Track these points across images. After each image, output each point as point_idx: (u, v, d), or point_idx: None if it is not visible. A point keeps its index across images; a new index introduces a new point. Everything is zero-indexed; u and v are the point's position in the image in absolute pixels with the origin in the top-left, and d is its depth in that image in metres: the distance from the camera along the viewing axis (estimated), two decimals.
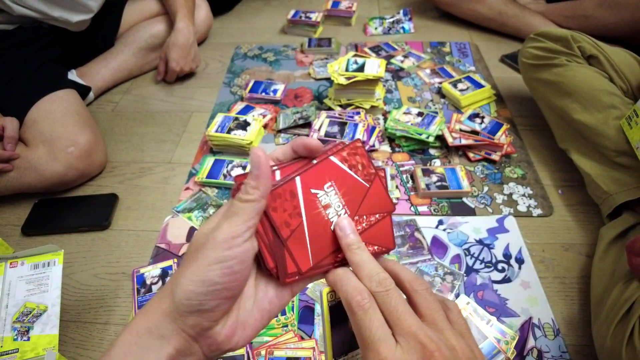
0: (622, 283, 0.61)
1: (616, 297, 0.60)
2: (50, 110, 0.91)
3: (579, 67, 0.86)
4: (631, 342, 0.54)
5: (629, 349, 0.54)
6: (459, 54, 1.28)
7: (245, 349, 0.63)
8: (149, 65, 1.25)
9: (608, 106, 0.79)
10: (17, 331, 0.67)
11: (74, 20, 1.04)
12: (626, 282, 0.60)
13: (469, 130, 0.93)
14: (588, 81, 0.83)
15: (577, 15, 1.24)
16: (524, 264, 0.74)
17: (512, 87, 1.14)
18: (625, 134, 0.75)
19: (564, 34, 0.90)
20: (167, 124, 1.09)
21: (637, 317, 0.55)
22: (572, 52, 0.88)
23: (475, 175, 0.90)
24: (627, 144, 0.74)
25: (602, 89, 0.81)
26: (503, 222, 0.81)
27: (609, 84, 0.83)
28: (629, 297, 0.58)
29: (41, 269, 0.75)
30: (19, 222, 0.85)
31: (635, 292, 0.58)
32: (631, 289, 0.58)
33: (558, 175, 0.90)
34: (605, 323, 0.58)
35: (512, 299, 0.69)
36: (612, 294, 0.61)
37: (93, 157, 0.91)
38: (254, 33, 1.43)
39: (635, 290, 0.58)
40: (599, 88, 0.82)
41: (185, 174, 0.95)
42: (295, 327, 0.67)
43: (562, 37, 0.90)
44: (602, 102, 0.80)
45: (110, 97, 1.18)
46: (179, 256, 0.78)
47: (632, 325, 0.54)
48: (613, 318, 0.57)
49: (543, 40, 0.93)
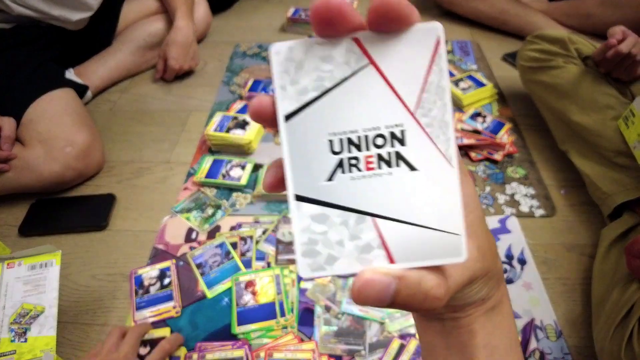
0: (622, 285, 0.61)
1: (616, 299, 0.59)
2: (48, 110, 0.90)
3: (576, 69, 0.86)
4: (630, 344, 0.54)
5: (628, 351, 0.54)
6: (461, 53, 1.27)
7: (245, 350, 0.63)
8: (147, 63, 1.24)
9: (605, 107, 0.79)
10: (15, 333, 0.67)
11: (74, 19, 1.03)
12: (626, 283, 0.60)
13: (471, 129, 0.93)
14: (585, 82, 0.83)
15: (579, 14, 1.23)
16: (526, 264, 0.74)
17: (514, 86, 1.13)
18: (623, 134, 0.75)
19: (560, 36, 0.90)
20: (165, 123, 1.08)
21: (636, 319, 0.55)
22: (568, 54, 0.89)
23: (477, 175, 0.90)
24: (624, 144, 0.74)
25: (599, 90, 0.81)
26: (505, 222, 0.80)
27: (606, 85, 0.82)
28: (629, 299, 0.58)
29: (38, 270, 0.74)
30: (16, 223, 0.84)
31: (635, 294, 0.58)
32: (631, 291, 0.58)
33: (560, 175, 0.90)
34: (605, 325, 0.58)
35: (514, 300, 0.69)
36: (612, 295, 0.61)
37: (91, 156, 0.90)
38: (254, 31, 1.42)
39: (634, 292, 0.58)
40: (595, 89, 0.82)
41: (183, 173, 0.94)
42: (295, 329, 0.66)
43: (559, 39, 0.90)
44: (599, 103, 0.80)
45: (108, 96, 1.18)
46: (177, 257, 0.77)
47: (632, 327, 0.54)
48: (613, 320, 0.57)
49: (540, 42, 0.93)
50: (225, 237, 0.79)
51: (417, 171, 0.18)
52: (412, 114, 0.17)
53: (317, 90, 0.18)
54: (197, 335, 0.66)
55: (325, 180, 0.18)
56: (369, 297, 0.17)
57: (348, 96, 0.17)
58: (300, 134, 0.18)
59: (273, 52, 0.18)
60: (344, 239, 0.18)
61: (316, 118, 0.18)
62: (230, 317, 0.68)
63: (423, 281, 0.17)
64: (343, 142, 0.18)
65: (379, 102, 0.17)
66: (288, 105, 0.18)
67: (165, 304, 0.70)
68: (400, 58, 0.17)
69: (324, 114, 0.18)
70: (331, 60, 0.17)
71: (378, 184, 0.18)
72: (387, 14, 0.16)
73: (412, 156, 0.18)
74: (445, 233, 0.18)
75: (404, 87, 0.17)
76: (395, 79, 0.17)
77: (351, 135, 0.18)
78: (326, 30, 0.17)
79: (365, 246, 0.18)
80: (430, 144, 0.17)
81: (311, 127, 0.18)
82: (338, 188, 0.18)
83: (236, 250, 0.76)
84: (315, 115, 0.18)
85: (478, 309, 0.23)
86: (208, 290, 0.72)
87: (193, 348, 0.64)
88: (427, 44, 0.17)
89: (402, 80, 0.17)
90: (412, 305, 0.17)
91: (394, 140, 0.18)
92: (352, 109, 0.18)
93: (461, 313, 0.23)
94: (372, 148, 0.18)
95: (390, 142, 0.18)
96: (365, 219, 0.18)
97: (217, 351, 0.63)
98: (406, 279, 0.17)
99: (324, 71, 0.17)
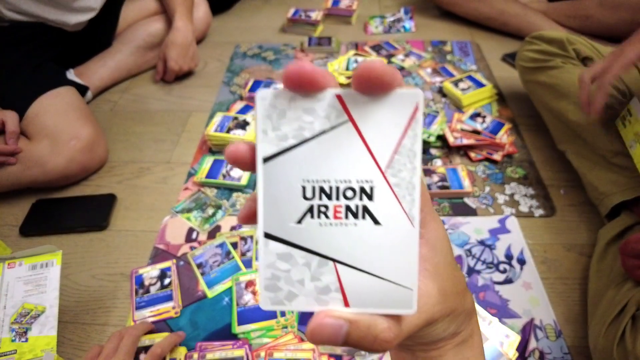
0: (617, 284, 0.61)
1: (611, 297, 0.60)
2: (52, 105, 0.92)
3: (574, 69, 0.86)
4: (622, 342, 0.54)
5: (620, 349, 0.54)
6: (460, 53, 1.27)
7: (245, 350, 0.63)
8: (148, 64, 1.24)
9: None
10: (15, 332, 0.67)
11: (71, 23, 1.03)
12: (621, 282, 0.61)
13: (471, 129, 0.93)
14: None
15: (579, 15, 1.24)
16: (526, 264, 0.74)
17: (513, 86, 1.13)
18: (620, 133, 0.75)
19: (558, 37, 0.90)
20: (165, 123, 1.08)
21: (629, 318, 0.55)
22: (567, 55, 0.89)
23: (477, 175, 0.90)
24: (622, 144, 0.74)
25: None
26: (505, 222, 0.80)
27: None
28: (623, 297, 0.58)
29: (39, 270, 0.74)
30: (17, 223, 0.84)
31: (629, 293, 0.58)
32: (625, 290, 0.59)
33: (560, 175, 0.90)
34: (599, 323, 0.59)
35: (514, 300, 0.69)
36: (607, 294, 0.61)
37: (95, 150, 0.92)
38: (254, 32, 1.42)
39: (628, 290, 0.59)
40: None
41: (184, 174, 0.94)
42: (295, 329, 0.66)
43: (557, 40, 0.90)
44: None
45: (108, 96, 1.18)
46: (178, 257, 0.77)
47: (624, 325, 0.55)
48: (606, 318, 0.58)
49: (538, 42, 0.93)
50: (226, 237, 0.79)
51: (381, 226, 0.19)
52: (383, 172, 0.18)
53: (296, 138, 0.19)
54: (198, 335, 0.66)
55: (294, 222, 0.19)
56: (322, 338, 0.18)
57: (325, 148, 0.18)
58: (276, 177, 0.19)
59: (259, 97, 0.18)
60: (305, 278, 0.19)
61: (293, 164, 0.19)
62: (230, 317, 0.68)
63: (373, 325, 0.18)
64: (315, 190, 0.19)
65: (353, 158, 0.18)
66: (268, 148, 0.19)
67: (165, 304, 0.70)
68: (378, 119, 0.18)
69: (300, 161, 0.19)
70: (313, 112, 0.18)
71: (343, 232, 0.19)
72: (371, 80, 0.17)
73: (378, 211, 0.19)
74: (399, 286, 0.19)
75: (378, 147, 0.18)
76: (371, 138, 0.18)
77: (324, 184, 0.19)
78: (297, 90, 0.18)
79: (324, 288, 0.19)
80: (396, 202, 0.18)
81: (287, 171, 0.19)
82: (305, 231, 0.19)
83: (236, 250, 0.77)
84: (292, 161, 0.19)
85: (448, 343, 0.24)
86: (208, 290, 0.72)
87: (193, 348, 0.64)
88: (405, 109, 0.18)
89: (377, 140, 0.18)
90: (364, 346, 0.18)
91: (362, 194, 0.19)
92: (327, 160, 0.19)
93: (432, 346, 0.24)
94: (342, 199, 0.19)
95: (359, 196, 0.19)
96: (327, 263, 0.19)
97: (218, 351, 0.63)
98: (357, 322, 0.18)
99: (305, 122, 0.18)
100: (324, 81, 0.18)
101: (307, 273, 0.19)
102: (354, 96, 0.18)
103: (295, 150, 0.19)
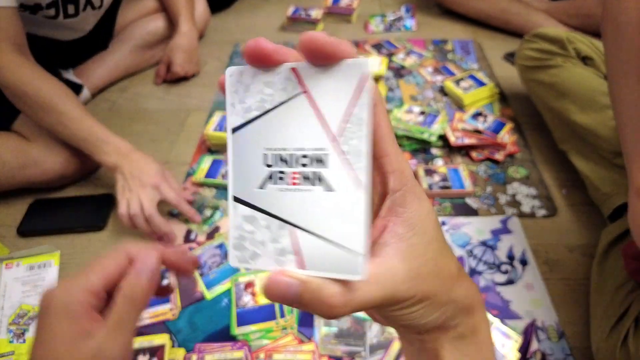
0: (619, 285, 0.61)
1: (613, 299, 0.60)
2: None
3: (574, 68, 0.86)
4: (625, 344, 0.54)
5: (623, 351, 0.54)
6: (462, 52, 1.27)
7: (244, 352, 0.62)
8: (147, 62, 1.23)
9: (605, 107, 0.78)
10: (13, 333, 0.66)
11: (63, 40, 1.03)
12: (623, 284, 0.60)
13: (472, 129, 0.92)
14: (584, 82, 0.83)
15: (580, 14, 1.24)
16: (528, 265, 0.73)
17: (515, 85, 1.12)
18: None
19: (558, 35, 0.90)
20: (164, 122, 1.07)
21: (632, 320, 0.55)
22: (567, 54, 0.88)
23: (479, 175, 0.89)
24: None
25: (598, 89, 0.81)
26: (506, 223, 0.80)
27: (605, 85, 0.82)
28: (625, 299, 0.58)
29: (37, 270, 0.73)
30: (15, 223, 0.83)
31: (631, 295, 0.58)
32: (627, 291, 0.59)
33: (562, 176, 0.89)
34: (602, 325, 0.58)
35: (516, 301, 0.68)
36: (609, 296, 0.61)
37: None
38: (253, 30, 1.42)
39: (631, 292, 0.58)
40: (595, 89, 0.81)
41: (182, 173, 0.93)
42: (294, 330, 0.66)
43: (557, 39, 0.90)
44: (598, 103, 0.79)
45: (107, 95, 1.17)
46: None
47: (627, 327, 0.55)
48: (609, 320, 0.57)
49: (538, 41, 0.93)
50: (225, 237, 0.78)
51: (333, 192, 0.19)
52: (334, 140, 0.19)
53: (259, 110, 0.20)
54: (196, 336, 0.66)
55: (257, 187, 0.21)
56: (274, 294, 0.19)
57: (283, 118, 0.20)
58: (242, 145, 0.21)
59: (227, 74, 0.21)
60: (266, 240, 0.20)
61: (256, 134, 0.20)
62: (229, 318, 0.67)
63: (322, 288, 0.19)
64: (275, 158, 0.20)
65: (308, 127, 0.20)
66: (235, 120, 0.21)
67: (162, 305, 0.69)
68: (330, 89, 0.19)
69: (262, 130, 0.20)
70: (273, 85, 0.20)
71: (299, 198, 0.20)
72: (312, 50, 0.18)
73: (331, 178, 0.19)
74: (349, 251, 0.19)
75: (330, 116, 0.19)
76: (324, 108, 0.19)
77: (282, 152, 0.20)
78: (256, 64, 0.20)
79: (282, 250, 0.20)
80: (347, 169, 0.19)
81: (251, 140, 0.21)
82: (267, 196, 0.20)
83: None
84: (255, 131, 0.20)
85: (444, 335, 0.23)
86: (207, 291, 0.71)
87: (192, 349, 0.64)
88: (353, 79, 0.19)
89: (329, 109, 0.19)
90: (314, 309, 0.19)
91: (317, 161, 0.20)
92: (285, 129, 0.20)
93: (426, 336, 0.23)
94: (299, 166, 0.20)
95: (314, 163, 0.20)
96: (285, 226, 0.20)
97: (217, 352, 0.63)
98: (308, 284, 0.19)
99: (266, 94, 0.20)
100: (279, 55, 0.19)
101: (268, 235, 0.20)
102: (308, 68, 0.19)
103: (258, 121, 0.20)
